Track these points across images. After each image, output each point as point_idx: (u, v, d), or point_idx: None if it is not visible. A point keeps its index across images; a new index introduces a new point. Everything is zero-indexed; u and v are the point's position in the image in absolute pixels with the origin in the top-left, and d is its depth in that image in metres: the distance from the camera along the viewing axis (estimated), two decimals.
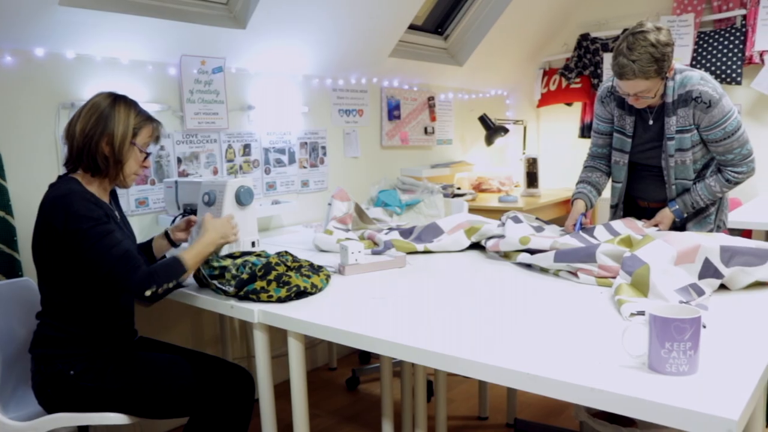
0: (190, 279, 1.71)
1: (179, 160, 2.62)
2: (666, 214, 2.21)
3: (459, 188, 3.84)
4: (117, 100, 1.66)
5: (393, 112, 3.62)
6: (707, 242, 1.49)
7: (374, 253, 2.04)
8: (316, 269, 1.70)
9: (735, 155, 2.07)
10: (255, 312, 1.52)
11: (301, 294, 1.57)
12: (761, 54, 3.72)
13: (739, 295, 1.44)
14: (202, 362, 1.76)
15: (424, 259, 2.01)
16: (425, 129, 3.88)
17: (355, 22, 2.99)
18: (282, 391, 2.74)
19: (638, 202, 2.41)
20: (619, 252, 1.59)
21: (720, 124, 2.03)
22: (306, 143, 3.17)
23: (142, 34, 2.35)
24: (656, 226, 2.21)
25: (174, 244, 1.98)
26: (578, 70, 4.36)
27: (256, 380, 1.65)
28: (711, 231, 2.25)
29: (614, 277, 1.56)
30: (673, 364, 0.94)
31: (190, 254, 1.65)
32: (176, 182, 2.24)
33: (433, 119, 3.93)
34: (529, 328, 1.24)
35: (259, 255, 1.72)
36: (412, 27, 3.65)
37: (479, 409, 2.72)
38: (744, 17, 3.78)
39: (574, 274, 1.66)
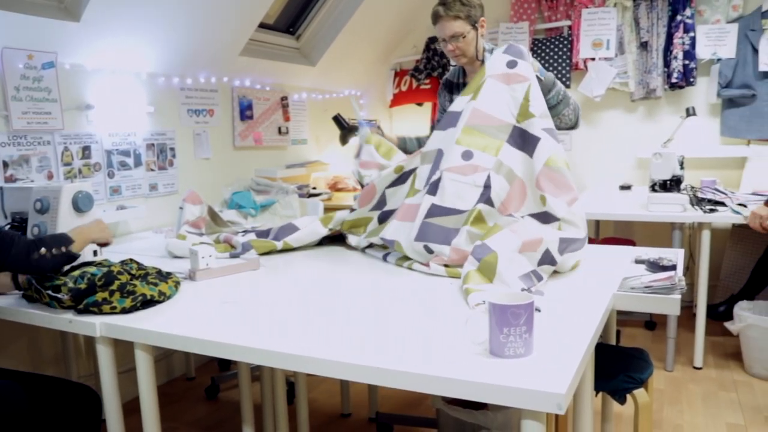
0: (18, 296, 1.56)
1: (5, 164, 2.37)
2: None
3: (315, 188, 3.85)
4: None
5: (245, 112, 3.55)
6: (549, 236, 1.63)
7: (232, 256, 1.99)
8: (165, 276, 1.62)
9: (552, 97, 2.31)
10: (97, 325, 1.42)
11: (147, 303, 1.49)
12: (585, 61, 4.10)
13: (566, 280, 1.58)
14: (39, 385, 1.62)
15: (280, 259, 1.99)
16: (279, 129, 3.84)
17: (202, 19, 2.88)
18: (136, 407, 2.59)
19: None
20: (475, 235, 1.69)
21: None
22: (153, 145, 3.01)
23: None
24: None
25: (18, 285, 1.67)
26: (427, 72, 4.54)
27: (104, 398, 1.54)
28: None
29: (461, 266, 1.66)
30: (511, 348, 1.02)
31: (73, 232, 1.59)
32: (1, 188, 2.03)
33: (287, 119, 3.90)
34: (382, 323, 1.27)
35: (100, 264, 1.61)
36: (264, 26, 3.60)
37: (342, 406, 2.75)
38: (570, 27, 4.15)
39: (426, 265, 1.73)
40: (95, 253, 1.82)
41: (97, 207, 1.88)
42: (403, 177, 2.05)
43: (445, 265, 1.70)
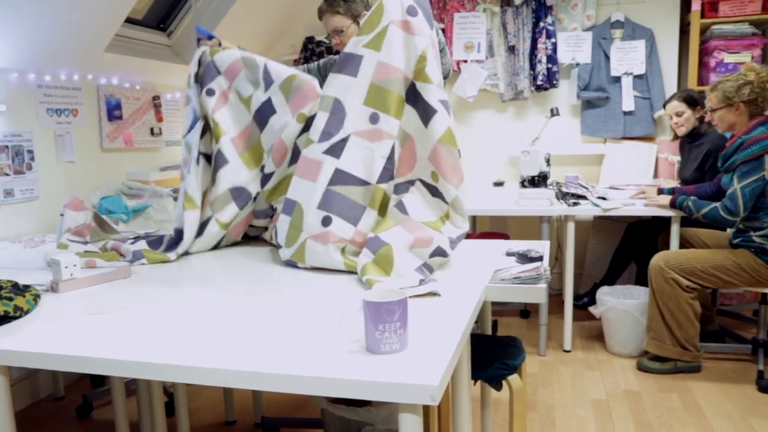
0: None
1: None
2: None
3: None
4: None
5: (113, 112, 3.35)
6: (439, 237, 1.68)
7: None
8: (22, 289, 1.50)
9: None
10: None
11: (2, 320, 1.37)
12: (458, 63, 4.27)
13: (442, 274, 1.64)
14: None
15: (159, 266, 1.90)
16: (152, 130, 3.67)
17: (61, 11, 2.69)
18: None
19: None
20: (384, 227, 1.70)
21: None
22: (7, 147, 2.76)
23: None
24: None
25: None
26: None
27: None
28: None
29: (358, 254, 1.67)
30: (386, 344, 1.04)
31: None
32: None
33: (160, 120, 3.74)
34: (260, 326, 1.25)
35: None
36: (131, 21, 3.42)
37: (226, 413, 2.67)
38: (443, 30, 4.30)
39: (326, 240, 1.69)
40: None
41: None
42: (307, 125, 1.91)
43: (342, 249, 1.70)
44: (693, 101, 3.31)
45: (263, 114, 1.97)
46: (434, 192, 1.76)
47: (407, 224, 1.70)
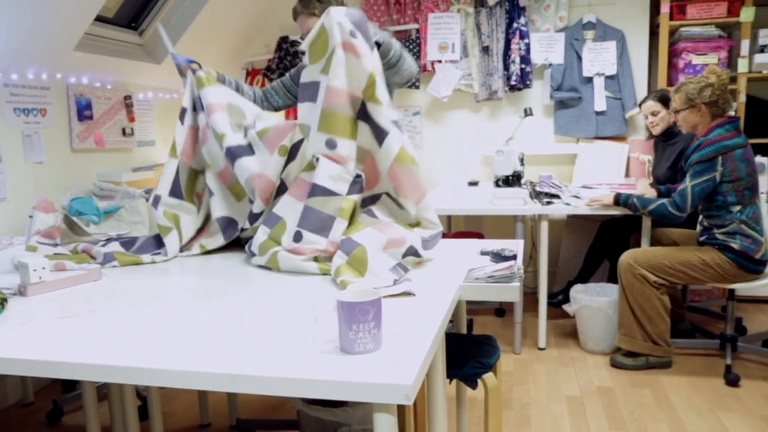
0: None
1: None
2: None
3: None
4: None
5: (84, 111, 3.30)
6: (412, 236, 1.69)
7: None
8: None
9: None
10: None
11: None
12: (432, 63, 4.28)
13: (417, 273, 1.64)
14: None
15: (131, 268, 1.87)
16: (123, 130, 3.62)
17: (28, 9, 2.63)
18: None
19: None
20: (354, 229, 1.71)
21: None
22: None
23: None
24: None
25: None
26: (280, 72, 4.50)
27: None
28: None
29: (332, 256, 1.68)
30: (360, 344, 1.04)
31: None
32: None
33: (132, 120, 3.68)
34: (234, 327, 1.24)
35: None
36: (102, 19, 3.36)
37: (201, 416, 2.65)
38: (418, 30, 4.31)
39: (300, 253, 1.70)
40: None
41: None
42: (292, 153, 1.93)
43: (315, 258, 1.70)
44: (668, 101, 3.37)
45: (234, 153, 1.96)
46: (400, 206, 1.79)
47: (378, 225, 1.71)
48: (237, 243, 2.15)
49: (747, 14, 3.76)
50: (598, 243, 3.77)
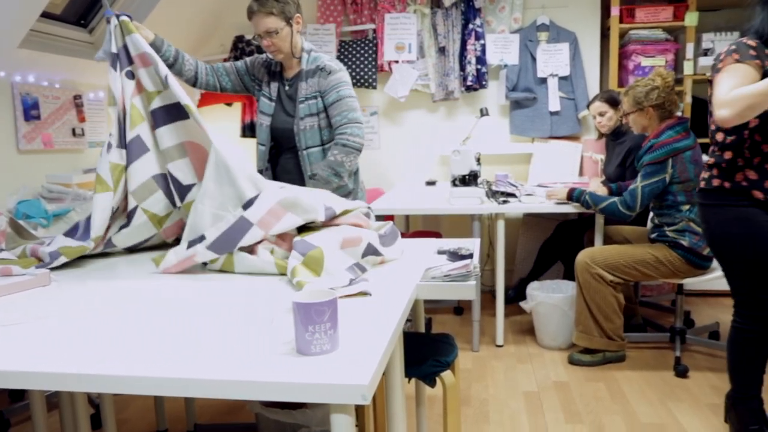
0: None
1: None
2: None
3: None
4: None
5: (30, 111, 3.19)
6: (368, 234, 1.69)
7: (38, 269, 1.76)
8: None
9: (343, 117, 2.42)
10: None
11: None
12: (389, 63, 4.30)
13: (374, 273, 1.64)
14: None
15: (79, 271, 1.82)
16: (73, 131, 3.51)
17: None
18: None
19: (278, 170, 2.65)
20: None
21: (335, 88, 2.42)
22: None
23: None
24: None
25: None
26: None
27: None
28: None
29: (290, 250, 1.65)
30: (316, 345, 1.03)
31: None
32: None
33: (82, 120, 3.58)
34: (188, 330, 1.22)
35: None
36: (48, 16, 3.26)
37: (157, 422, 2.59)
38: (374, 31, 4.32)
39: (253, 252, 1.68)
40: None
41: None
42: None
43: (271, 251, 1.68)
44: (614, 101, 3.47)
45: (159, 117, 1.88)
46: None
47: (334, 228, 1.70)
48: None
49: (691, 19, 3.89)
50: (553, 242, 3.84)
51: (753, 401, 2.23)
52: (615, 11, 3.96)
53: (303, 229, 1.74)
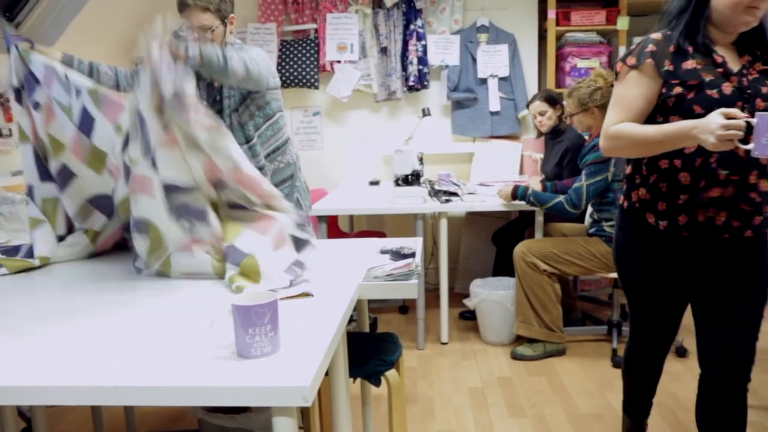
0: None
1: None
2: None
3: None
4: None
5: None
6: (285, 220, 1.65)
7: None
8: None
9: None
10: None
11: None
12: (332, 63, 4.28)
13: (316, 273, 1.63)
14: None
15: (8, 281, 1.73)
16: (0, 131, 3.35)
17: None
18: None
19: None
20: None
21: (242, 48, 2.32)
22: None
23: None
24: None
25: None
26: None
27: None
28: None
29: (221, 253, 1.62)
30: (257, 348, 1.02)
31: None
32: None
33: (9, 119, 3.42)
34: (129, 335, 1.18)
35: None
36: None
37: None
38: (316, 30, 4.30)
39: (189, 248, 1.63)
40: None
41: None
42: (126, 139, 1.74)
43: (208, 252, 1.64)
44: (553, 101, 3.56)
45: (86, 123, 1.82)
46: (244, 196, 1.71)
47: (253, 224, 1.64)
48: (125, 247, 2.06)
49: (623, 23, 4.04)
50: (503, 232, 3.89)
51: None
52: (552, 14, 4.06)
53: (223, 218, 1.67)
